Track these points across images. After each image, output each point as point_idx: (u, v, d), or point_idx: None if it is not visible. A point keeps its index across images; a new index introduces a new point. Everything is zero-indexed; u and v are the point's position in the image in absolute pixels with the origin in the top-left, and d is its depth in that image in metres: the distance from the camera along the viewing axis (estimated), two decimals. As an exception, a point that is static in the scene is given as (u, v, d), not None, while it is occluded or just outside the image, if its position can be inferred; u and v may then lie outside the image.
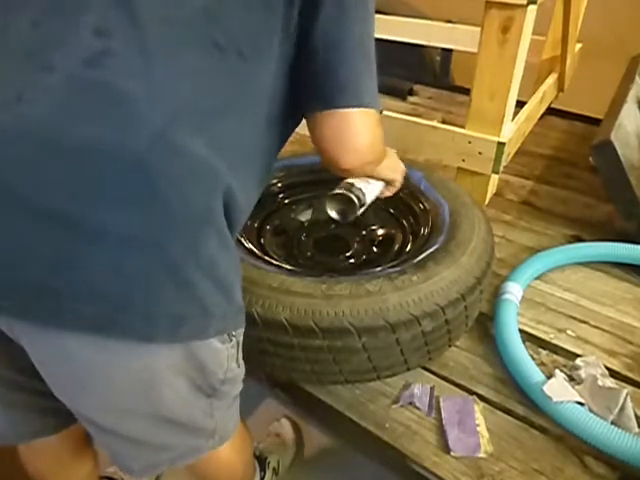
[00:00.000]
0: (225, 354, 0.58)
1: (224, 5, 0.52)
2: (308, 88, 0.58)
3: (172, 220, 0.48)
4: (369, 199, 0.83)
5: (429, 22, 1.87)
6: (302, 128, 0.64)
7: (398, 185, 0.89)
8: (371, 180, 0.82)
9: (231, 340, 0.58)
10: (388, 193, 0.89)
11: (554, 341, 0.95)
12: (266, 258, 0.88)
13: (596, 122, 1.39)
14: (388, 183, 0.87)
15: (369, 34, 0.59)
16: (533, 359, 0.86)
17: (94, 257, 0.45)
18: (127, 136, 0.46)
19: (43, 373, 0.53)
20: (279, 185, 1.10)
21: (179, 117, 0.48)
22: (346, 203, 0.81)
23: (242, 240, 0.90)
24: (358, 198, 0.80)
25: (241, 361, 0.63)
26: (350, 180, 0.80)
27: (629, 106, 1.29)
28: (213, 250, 0.51)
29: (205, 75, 0.51)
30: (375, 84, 0.60)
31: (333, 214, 0.84)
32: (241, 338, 0.61)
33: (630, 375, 0.88)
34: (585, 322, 0.99)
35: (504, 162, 1.15)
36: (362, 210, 0.83)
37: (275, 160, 0.66)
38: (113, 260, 0.46)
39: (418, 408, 0.82)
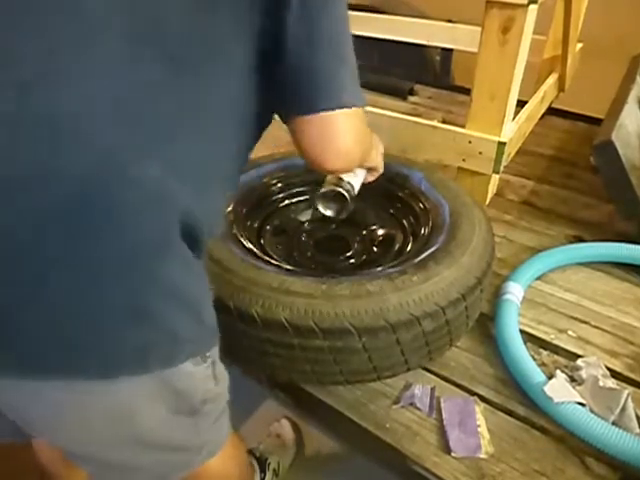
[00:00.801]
0: (200, 376, 0.56)
1: (172, 15, 0.47)
2: (282, 93, 0.55)
3: (124, 249, 0.45)
4: (357, 189, 0.85)
5: (429, 22, 1.87)
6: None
7: (380, 170, 0.89)
8: (356, 170, 0.83)
9: (205, 361, 0.56)
10: (371, 178, 0.90)
11: (555, 341, 0.94)
12: (266, 258, 0.88)
13: (597, 122, 1.38)
14: (371, 169, 0.87)
15: (343, 30, 0.55)
16: (534, 359, 0.86)
17: (41, 298, 0.43)
18: (72, 161, 0.42)
19: (14, 417, 0.52)
20: (279, 185, 1.10)
21: (128, 139, 0.45)
22: (337, 199, 0.82)
23: (242, 240, 0.90)
24: (348, 192, 0.81)
25: (221, 377, 0.61)
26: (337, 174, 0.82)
27: (630, 106, 1.29)
28: (175, 274, 0.49)
29: (155, 91, 0.47)
30: (355, 81, 0.57)
31: (327, 212, 0.85)
32: (217, 356, 0.60)
33: (631, 376, 0.88)
34: (586, 322, 0.99)
35: (505, 162, 1.14)
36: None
37: (245, 163, 0.63)
38: (63, 298, 0.43)
39: (419, 409, 0.82)
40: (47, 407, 0.49)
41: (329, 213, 0.85)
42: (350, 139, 0.57)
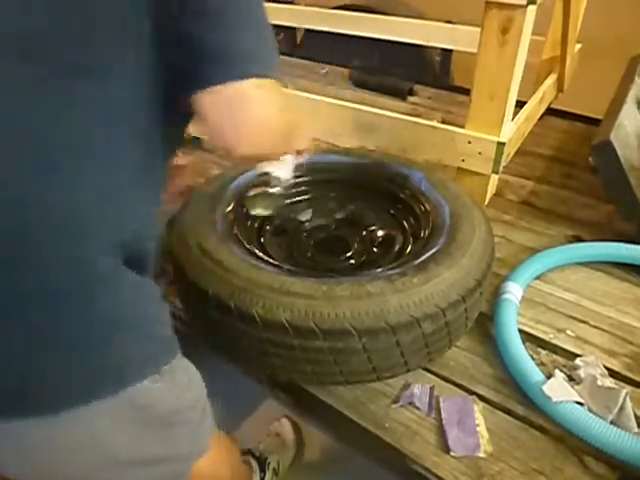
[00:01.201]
0: (160, 391, 0.54)
1: (51, 30, 0.43)
2: (182, 72, 0.49)
3: (51, 281, 0.44)
4: (289, 175, 0.78)
5: (429, 22, 1.87)
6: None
7: (306, 142, 0.74)
8: (283, 157, 0.74)
9: (163, 375, 0.54)
10: (301, 159, 0.79)
11: (554, 341, 0.95)
12: (266, 258, 0.88)
13: (596, 122, 1.38)
14: (298, 152, 0.76)
15: None
16: (533, 359, 0.87)
17: None
18: None
19: None
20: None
21: (30, 165, 0.42)
22: (268, 197, 0.80)
23: (242, 240, 0.90)
24: (276, 186, 0.77)
25: (186, 387, 0.59)
26: (263, 168, 0.75)
27: (629, 106, 1.29)
28: (116, 299, 0.48)
29: (48, 110, 0.43)
30: (269, 50, 0.51)
31: (262, 212, 0.83)
32: (178, 366, 0.57)
33: (630, 375, 0.88)
34: (585, 322, 0.99)
35: (504, 162, 1.15)
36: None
37: (173, 157, 0.60)
38: (4, 339, 0.43)
39: (418, 408, 0.82)
40: (10, 445, 0.48)
41: (263, 212, 0.83)
42: (262, 116, 0.50)
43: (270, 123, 0.51)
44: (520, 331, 0.92)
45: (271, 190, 0.77)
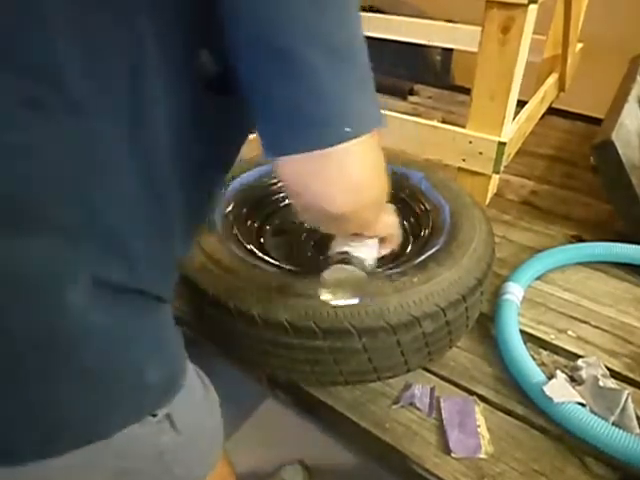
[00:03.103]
0: (147, 435, 0.49)
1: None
2: (253, 122, 0.41)
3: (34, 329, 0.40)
4: (371, 264, 0.63)
5: (430, 22, 1.87)
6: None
7: (397, 240, 0.65)
8: (367, 241, 0.61)
9: (155, 416, 0.49)
10: (385, 251, 0.66)
11: (555, 341, 0.95)
12: (266, 258, 0.88)
13: (597, 122, 1.38)
14: (383, 239, 0.64)
15: (344, 21, 0.39)
16: (534, 359, 0.86)
17: None
18: None
19: None
20: (279, 185, 1.10)
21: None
22: (343, 276, 0.61)
23: (242, 240, 0.90)
24: (361, 265, 0.60)
25: (183, 425, 0.53)
26: (342, 247, 0.61)
27: (630, 106, 1.29)
28: (100, 350, 0.44)
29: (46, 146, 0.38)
30: (368, 95, 0.42)
31: (330, 298, 0.65)
32: (178, 405, 0.51)
33: (631, 375, 0.88)
34: (586, 322, 0.99)
35: (505, 162, 1.15)
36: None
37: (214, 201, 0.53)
38: None
39: (418, 409, 0.82)
40: None
41: (340, 301, 0.65)
42: (359, 175, 0.42)
43: (365, 186, 0.43)
44: (521, 331, 0.92)
45: (350, 269, 0.59)
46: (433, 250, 0.82)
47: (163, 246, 0.48)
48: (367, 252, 0.62)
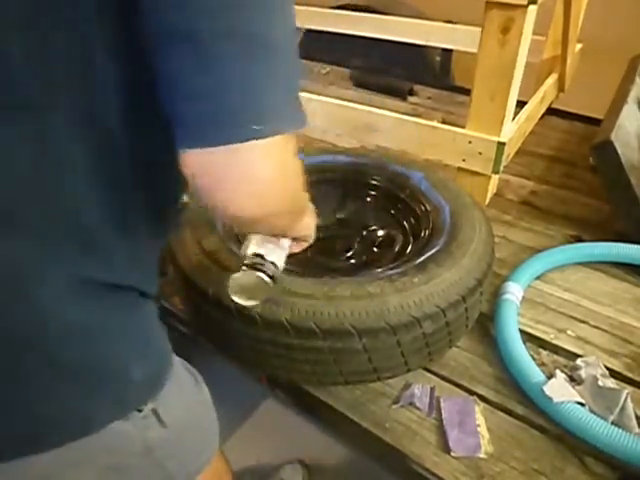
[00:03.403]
0: (133, 430, 0.50)
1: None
2: (168, 115, 0.39)
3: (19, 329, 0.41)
4: (282, 267, 0.61)
5: (429, 22, 1.87)
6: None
7: (311, 240, 0.63)
8: (281, 241, 0.60)
9: (141, 412, 0.49)
10: (297, 249, 0.64)
11: (554, 341, 0.95)
12: (267, 259, 0.88)
13: (596, 122, 1.38)
14: (298, 239, 0.61)
15: (269, 13, 0.37)
16: (533, 359, 0.86)
17: None
18: None
19: None
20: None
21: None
22: (254, 282, 0.59)
23: (242, 240, 0.90)
24: (272, 277, 0.58)
25: (170, 420, 0.53)
26: (255, 249, 0.59)
27: (629, 106, 1.29)
28: (85, 350, 0.45)
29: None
30: (287, 94, 0.40)
31: (246, 302, 0.61)
32: (163, 400, 0.52)
33: (630, 375, 0.88)
34: (585, 322, 0.99)
35: (504, 162, 1.15)
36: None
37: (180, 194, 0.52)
38: None
39: (418, 408, 0.82)
40: None
41: (248, 303, 0.61)
42: (268, 180, 0.40)
43: (274, 192, 0.41)
44: (521, 331, 0.92)
45: (265, 278, 0.58)
46: (433, 251, 0.82)
47: (137, 242, 0.48)
48: (280, 254, 0.60)
